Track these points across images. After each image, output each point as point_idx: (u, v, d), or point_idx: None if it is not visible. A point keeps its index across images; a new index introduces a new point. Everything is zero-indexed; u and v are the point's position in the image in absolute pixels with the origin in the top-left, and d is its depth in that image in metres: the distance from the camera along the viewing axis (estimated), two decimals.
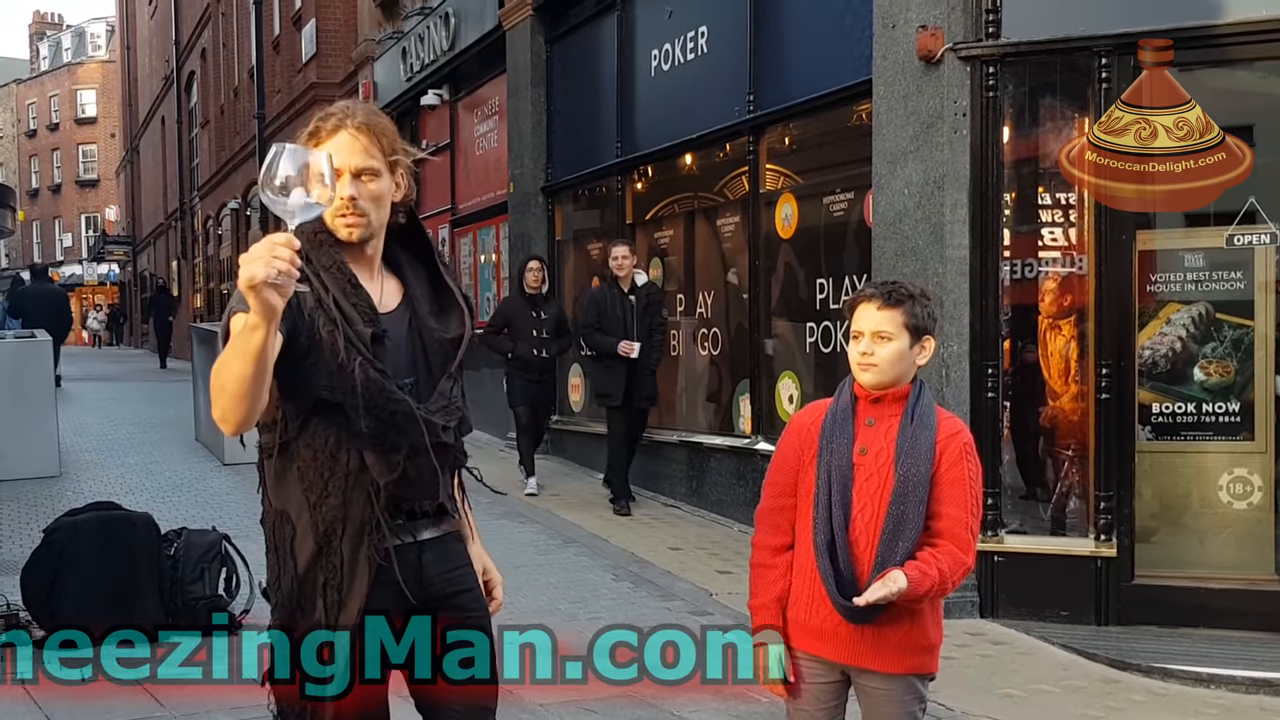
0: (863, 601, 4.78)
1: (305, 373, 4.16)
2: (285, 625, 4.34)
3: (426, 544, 4.43)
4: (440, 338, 4.44)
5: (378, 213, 4.33)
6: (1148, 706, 8.96)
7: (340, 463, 4.22)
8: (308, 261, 4.20)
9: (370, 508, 4.23)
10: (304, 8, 35.06)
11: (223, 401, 3.81)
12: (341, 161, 4.22)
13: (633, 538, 13.85)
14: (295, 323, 4.09)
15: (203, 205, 52.89)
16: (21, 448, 17.75)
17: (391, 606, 4.32)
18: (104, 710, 8.53)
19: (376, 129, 4.34)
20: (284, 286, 3.56)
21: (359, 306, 4.23)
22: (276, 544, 4.38)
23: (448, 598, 4.48)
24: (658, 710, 8.63)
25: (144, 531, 10.42)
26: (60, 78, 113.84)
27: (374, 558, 4.23)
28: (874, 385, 5.01)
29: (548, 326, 16.68)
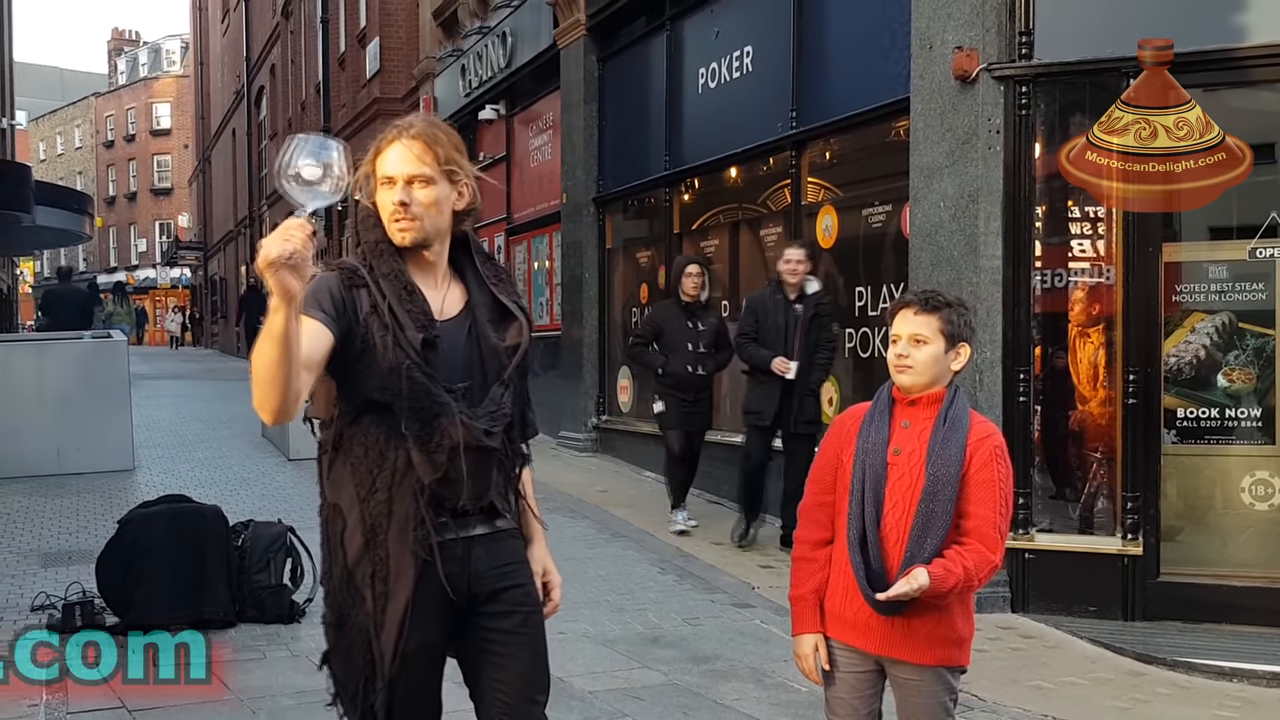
0: (883, 597, 4.83)
1: (359, 374, 4.22)
2: (336, 615, 4.40)
3: (477, 540, 4.44)
4: (496, 345, 4.44)
5: (432, 219, 4.35)
6: (1172, 699, 8.94)
7: (389, 460, 4.26)
8: (369, 268, 4.29)
9: (415, 504, 4.25)
10: (368, 27, 35.20)
11: (258, 388, 3.87)
12: (395, 169, 4.32)
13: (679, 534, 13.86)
14: (350, 326, 4.17)
15: (271, 213, 52.98)
16: (98, 443, 17.92)
17: (442, 600, 4.34)
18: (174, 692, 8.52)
19: (430, 139, 4.35)
20: (300, 268, 3.60)
21: (413, 312, 4.26)
22: (328, 536, 4.43)
23: (497, 593, 4.48)
24: (701, 698, 8.65)
25: (213, 523, 10.47)
26: (137, 91, 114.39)
27: (418, 553, 4.26)
28: (909, 387, 5.04)
29: (706, 339, 13.99)
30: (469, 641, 4.51)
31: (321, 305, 4.11)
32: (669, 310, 14.32)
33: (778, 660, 9.40)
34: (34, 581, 11.43)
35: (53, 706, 8.18)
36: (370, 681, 4.31)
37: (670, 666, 9.33)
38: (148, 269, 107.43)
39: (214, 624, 10.01)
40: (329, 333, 4.08)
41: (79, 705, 8.24)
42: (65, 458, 17.56)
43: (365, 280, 4.25)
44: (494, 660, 4.48)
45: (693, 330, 13.92)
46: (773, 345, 12.83)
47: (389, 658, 4.26)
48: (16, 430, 17.46)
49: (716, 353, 14.09)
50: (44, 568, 12.05)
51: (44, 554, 12.70)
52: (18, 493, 16.18)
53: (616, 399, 19.72)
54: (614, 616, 10.53)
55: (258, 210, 56.42)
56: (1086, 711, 8.56)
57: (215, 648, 9.30)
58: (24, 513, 15.00)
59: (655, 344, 14.17)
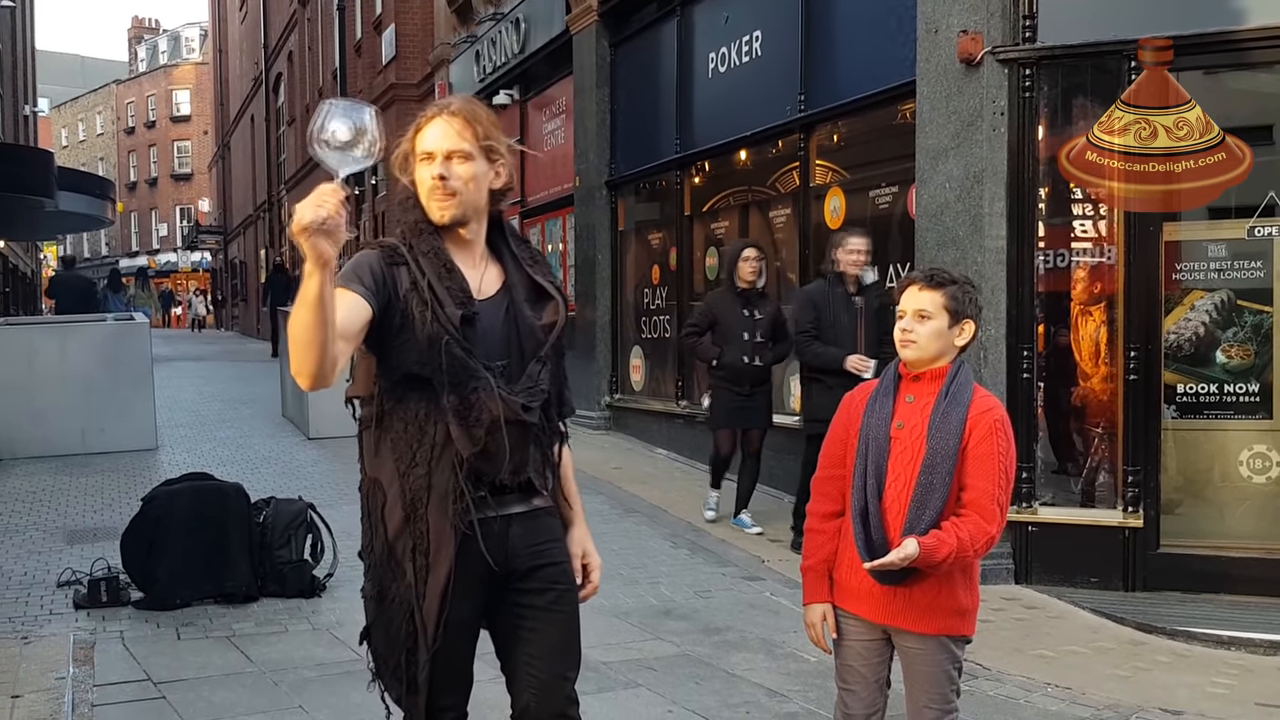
0: (869, 566, 4.90)
1: (398, 349, 4.24)
2: (377, 588, 4.43)
3: (515, 518, 4.46)
4: (533, 324, 4.46)
5: (469, 194, 4.37)
6: (1172, 667, 8.99)
7: (428, 435, 4.28)
8: (409, 247, 4.32)
9: (454, 478, 4.27)
10: (384, 13, 35.20)
11: (295, 352, 3.87)
12: (434, 145, 4.34)
13: (690, 508, 13.92)
14: (390, 301, 4.20)
15: (289, 197, 52.99)
16: (122, 422, 18.08)
17: (479, 574, 4.36)
18: (197, 666, 8.63)
19: (469, 115, 4.38)
20: (331, 232, 3.62)
21: (451, 290, 4.28)
22: (369, 510, 4.45)
23: (533, 570, 4.51)
24: (713, 668, 8.71)
25: (235, 500, 10.52)
26: (157, 79, 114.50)
27: (458, 526, 4.27)
28: (913, 361, 5.10)
29: (763, 328, 12.80)
30: (503, 617, 4.54)
31: (361, 280, 4.15)
32: (724, 298, 13.10)
33: (787, 631, 9.46)
34: (60, 558, 11.52)
35: (80, 678, 8.23)
36: (412, 653, 4.33)
37: (682, 638, 9.40)
38: (169, 253, 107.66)
39: (237, 598, 10.14)
40: (368, 306, 4.11)
41: (105, 677, 8.32)
42: (90, 437, 17.74)
43: (405, 258, 4.28)
44: (526, 636, 4.52)
45: (749, 319, 12.78)
46: (838, 342, 11.65)
47: (432, 629, 4.29)
48: (42, 411, 17.61)
49: (774, 344, 12.93)
50: (70, 545, 12.14)
51: (69, 531, 12.80)
52: (43, 472, 16.30)
53: (629, 378, 19.77)
54: (627, 589, 10.58)
55: (276, 195, 56.44)
56: (1089, 680, 8.58)
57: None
58: (50, 491, 15.08)
59: (710, 334, 13.01)
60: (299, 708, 7.81)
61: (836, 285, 11.79)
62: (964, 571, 5.06)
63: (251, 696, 8.02)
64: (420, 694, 4.36)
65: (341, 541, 11.01)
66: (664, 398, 18.25)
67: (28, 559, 11.66)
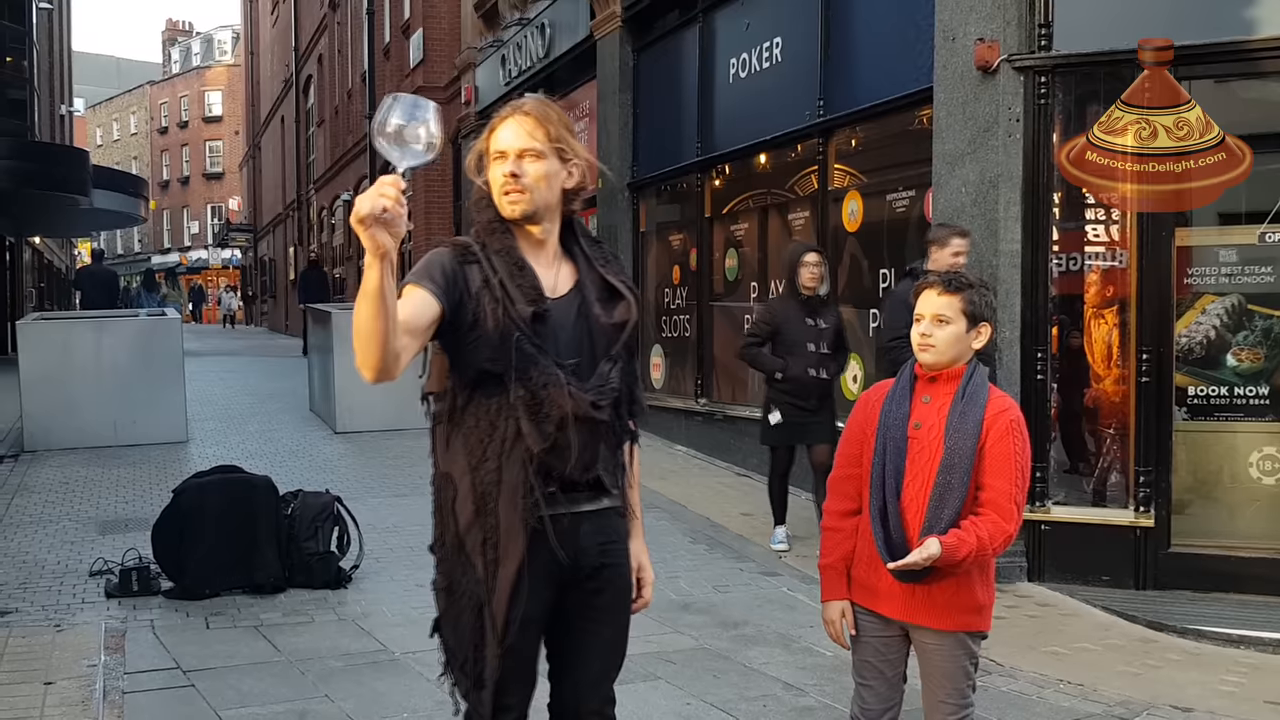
0: (893, 566, 4.89)
1: (470, 346, 4.23)
2: (447, 581, 4.40)
3: (585, 515, 4.44)
4: (605, 323, 4.44)
5: (541, 192, 4.36)
6: (1182, 664, 8.96)
7: (499, 430, 4.26)
8: (482, 246, 4.32)
9: (524, 473, 4.24)
10: (412, 18, 35.19)
11: (358, 344, 3.88)
12: (507, 144, 4.34)
13: (709, 504, 13.94)
14: (461, 299, 4.19)
15: (318, 197, 53.13)
16: (153, 416, 18.14)
17: (548, 570, 4.35)
18: (225, 654, 8.67)
19: (541, 116, 4.40)
20: (391, 224, 3.61)
21: (523, 287, 4.27)
22: (440, 504, 4.43)
23: (597, 569, 4.50)
24: (730, 662, 8.71)
25: (264, 493, 10.59)
26: (190, 80, 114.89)
27: (528, 520, 4.25)
28: (931, 365, 5.08)
29: (828, 339, 11.83)
30: (560, 612, 4.51)
31: (432, 277, 4.14)
32: (786, 306, 12.02)
33: (804, 626, 9.45)
34: (92, 548, 11.58)
35: (111, 666, 8.26)
36: (479, 649, 4.31)
37: (700, 631, 9.40)
38: (200, 250, 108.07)
39: (265, 589, 10.20)
40: (436, 303, 4.10)
41: (135, 665, 8.36)
42: (122, 430, 17.79)
43: (478, 256, 4.28)
44: (578, 632, 4.52)
45: (814, 328, 11.74)
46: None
47: (501, 623, 4.27)
48: (76, 403, 17.70)
49: (838, 353, 12.04)
50: (102, 535, 12.20)
51: (102, 522, 12.85)
52: (76, 463, 16.36)
53: (650, 376, 19.70)
54: None
55: (305, 194, 56.53)
56: (1100, 677, 8.57)
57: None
58: (82, 482, 15.13)
59: (770, 344, 11.96)
60: (324, 696, 7.84)
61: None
62: (980, 569, 5.05)
63: (278, 685, 8.05)
64: (487, 690, 4.33)
65: (367, 534, 11.09)
66: (684, 395, 18.23)
67: (60, 549, 11.70)
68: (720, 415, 16.93)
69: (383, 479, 15.58)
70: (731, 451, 16.39)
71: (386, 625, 9.47)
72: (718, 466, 16.29)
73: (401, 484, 15.06)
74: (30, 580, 10.59)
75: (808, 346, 11.66)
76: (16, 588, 10.34)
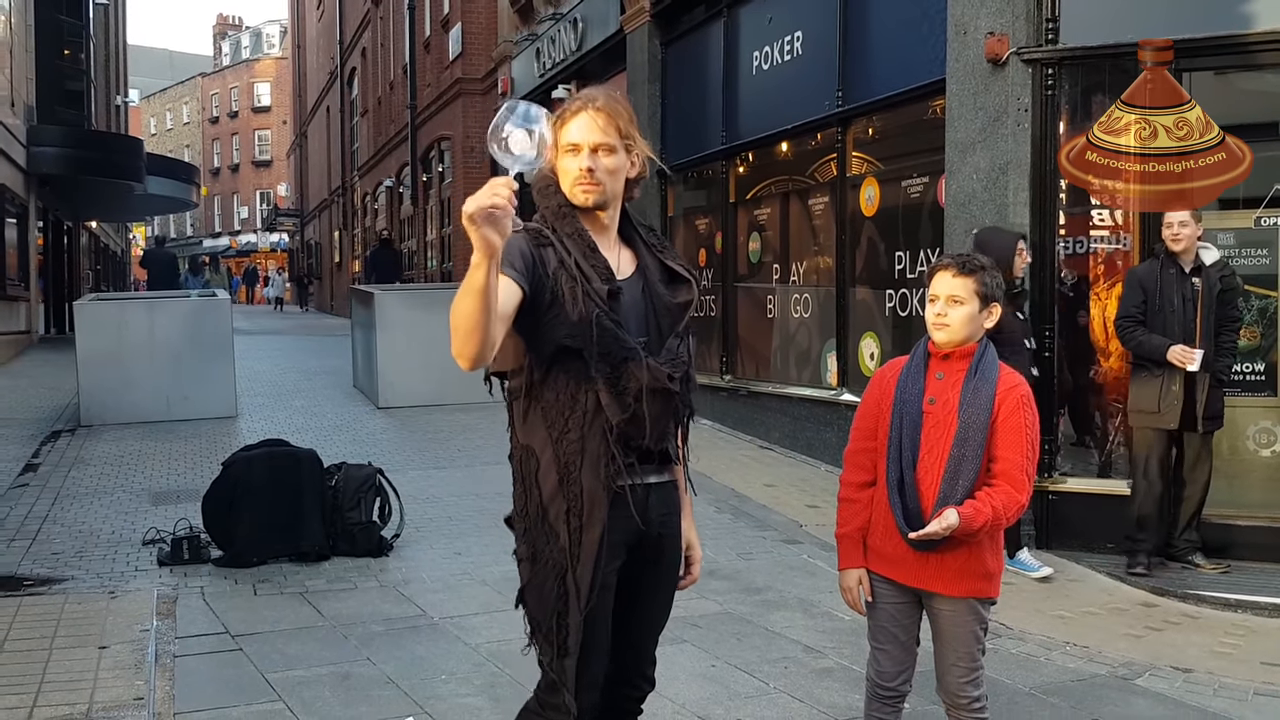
0: (915, 536, 4.90)
1: (549, 324, 4.21)
2: (531, 550, 4.38)
3: (652, 487, 4.46)
4: (669, 302, 4.48)
5: (612, 183, 4.38)
6: (1183, 628, 8.99)
7: (579, 403, 4.26)
8: (553, 229, 4.31)
9: (605, 443, 4.25)
10: (451, 12, 35.18)
11: (457, 338, 3.85)
12: (581, 137, 4.33)
13: (733, 475, 13.89)
14: (540, 280, 4.18)
15: (361, 183, 53.23)
16: (204, 391, 18.22)
17: (624, 538, 4.36)
18: (272, 619, 8.70)
19: (613, 111, 4.40)
20: (500, 223, 3.58)
21: (597, 267, 4.28)
22: (523, 475, 4.40)
23: (659, 538, 4.52)
24: (753, 626, 8.73)
25: (309, 465, 10.63)
26: (239, 72, 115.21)
27: (610, 486, 4.25)
28: (945, 343, 5.09)
29: (1029, 330, 10.56)
30: (622, 579, 4.50)
31: (513, 263, 4.11)
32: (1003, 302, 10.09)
33: (823, 592, 9.45)
34: (145, 518, 11.62)
35: (162, 630, 8.30)
36: (563, 616, 4.29)
37: (725, 597, 9.41)
38: (249, 234, 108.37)
39: (309, 557, 10.23)
40: (520, 288, 4.09)
41: (186, 630, 8.39)
42: (174, 405, 17.87)
43: (551, 239, 4.27)
44: (631, 596, 4.52)
45: (1024, 323, 10.40)
46: (1165, 329, 10.02)
47: (586, 589, 4.26)
48: (132, 380, 17.80)
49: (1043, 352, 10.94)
50: (154, 505, 12.23)
51: (154, 493, 12.89)
52: (130, 437, 16.41)
53: None
54: None
55: (349, 181, 56.63)
56: (1105, 639, 8.60)
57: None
58: (136, 456, 15.19)
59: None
60: (366, 659, 7.85)
61: (1168, 265, 10.08)
62: (991, 537, 5.07)
63: (322, 649, 8.08)
64: (571, 658, 4.31)
65: (407, 504, 11.13)
66: (709, 372, 18.14)
67: (115, 519, 11.74)
68: (744, 391, 16.93)
69: (422, 452, 15.58)
70: (755, 425, 16.41)
71: (426, 591, 9.48)
72: (742, 440, 16.28)
73: (440, 456, 15.09)
74: (86, 549, 10.62)
75: (1024, 343, 10.22)
76: (73, 556, 10.38)
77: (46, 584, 9.51)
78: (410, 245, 41.48)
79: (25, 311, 31.16)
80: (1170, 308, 9.99)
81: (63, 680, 7.26)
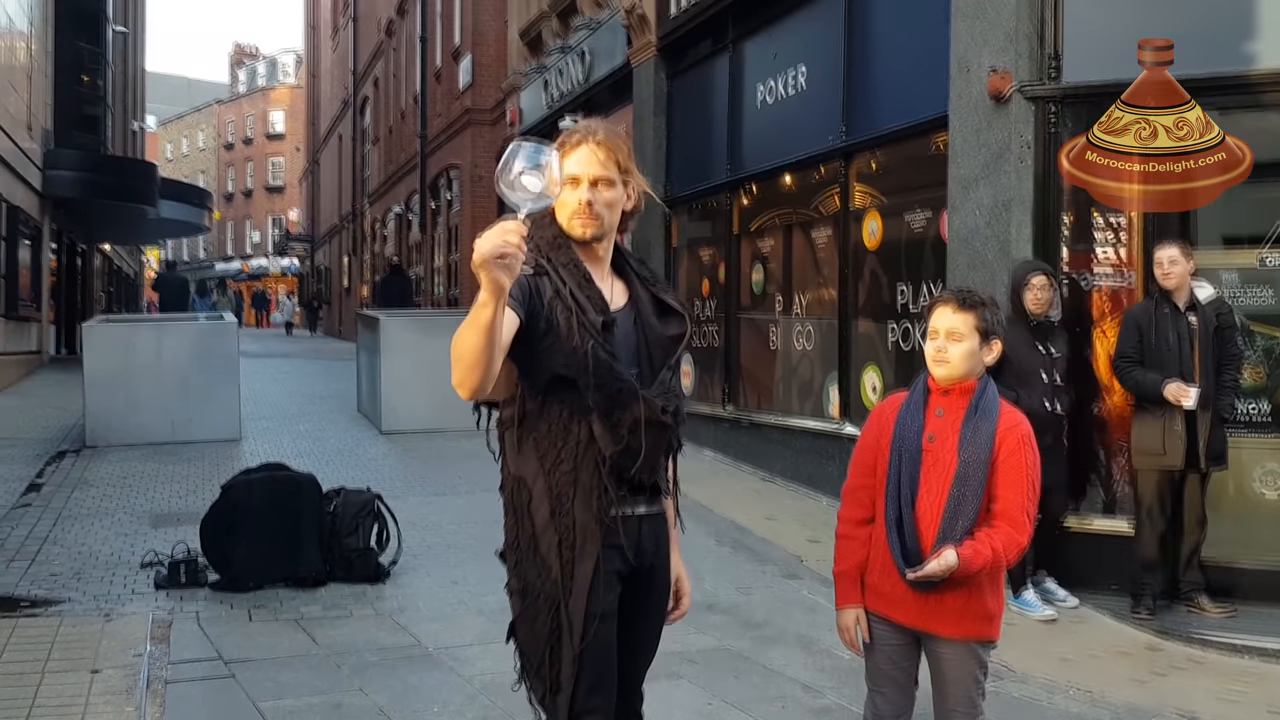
0: (913, 576, 4.81)
1: (543, 353, 4.15)
2: (522, 583, 4.31)
3: (644, 518, 4.40)
4: (661, 335, 4.45)
5: (609, 216, 4.35)
6: (1188, 672, 8.85)
7: (572, 434, 4.21)
8: (548, 260, 4.25)
9: (598, 475, 4.20)
10: (462, 44, 35.31)
11: (459, 369, 3.80)
12: (581, 170, 4.29)
13: (734, 507, 13.75)
14: (535, 309, 4.11)
15: (371, 210, 53.36)
16: (208, 414, 18.18)
17: (618, 569, 4.30)
18: (266, 646, 8.63)
19: (613, 145, 4.35)
20: (510, 266, 3.54)
21: (592, 298, 4.22)
22: (515, 506, 4.33)
23: (650, 570, 4.47)
24: (751, 662, 8.63)
25: (308, 490, 10.58)
26: (255, 100, 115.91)
27: (603, 519, 4.20)
28: (945, 379, 5.02)
29: (1061, 368, 10.33)
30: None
31: (511, 293, 3.99)
32: (1013, 331, 9.66)
33: (823, 628, 9.30)
34: (145, 540, 11.55)
35: (156, 655, 8.21)
36: (555, 651, 4.22)
37: (723, 632, 9.30)
38: (260, 258, 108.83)
39: (306, 583, 10.17)
40: (517, 317, 4.03)
41: (179, 655, 8.32)
42: (179, 428, 17.80)
43: (546, 269, 4.22)
44: (621, 628, 4.40)
45: (1046, 357, 10.19)
46: (1162, 366, 9.88)
47: (579, 623, 4.18)
48: (138, 401, 17.75)
49: (1070, 387, 10.52)
50: (154, 528, 12.16)
51: (155, 515, 12.82)
52: (135, 458, 16.34)
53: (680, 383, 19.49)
54: None
55: (359, 208, 56.80)
56: (1108, 682, 8.45)
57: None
58: (139, 477, 15.12)
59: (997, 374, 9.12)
60: (359, 689, 7.76)
61: (1161, 304, 9.99)
62: (991, 579, 4.97)
63: (315, 677, 7.98)
64: (563, 694, 4.22)
65: (406, 531, 11.07)
66: (711, 402, 18.12)
67: (115, 540, 11.67)
68: (747, 422, 16.82)
69: (423, 478, 15.51)
70: (757, 457, 16.29)
71: (421, 620, 9.38)
72: (743, 471, 16.16)
73: (442, 483, 15.00)
74: (84, 571, 10.54)
75: (1040, 376, 10.09)
76: (71, 577, 10.29)
77: (43, 605, 9.43)
78: (418, 271, 41.53)
79: (36, 332, 31.21)
80: (1166, 346, 9.89)
81: (53, 705, 7.19)
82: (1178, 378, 9.76)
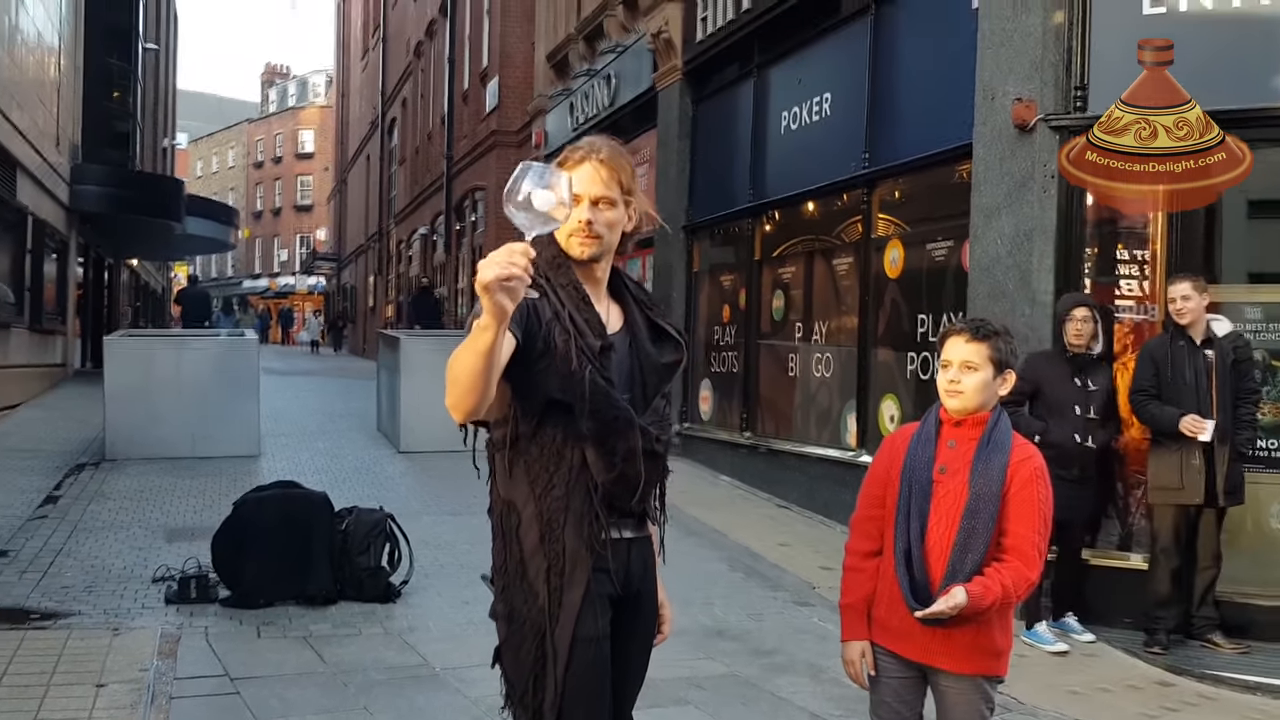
0: (921, 615, 4.70)
1: (538, 376, 4.05)
2: (509, 608, 4.21)
3: (632, 542, 4.32)
4: (656, 361, 4.33)
5: (609, 236, 4.26)
6: (1200, 709, 8.70)
7: (565, 459, 4.11)
8: (547, 280, 4.15)
9: (589, 501, 4.11)
10: (489, 67, 35.40)
11: (455, 391, 3.70)
12: (583, 189, 4.19)
13: (748, 533, 13.68)
14: (533, 331, 4.01)
15: (397, 230, 53.43)
16: (228, 430, 18.19)
17: (608, 595, 4.20)
18: (274, 663, 8.57)
19: (616, 165, 4.28)
20: (514, 290, 3.44)
21: (590, 322, 4.14)
22: (503, 530, 4.24)
23: (638, 595, 4.38)
24: (759, 690, 8.53)
25: (320, 508, 10.55)
26: (285, 119, 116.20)
27: (593, 546, 4.11)
28: (958, 411, 4.91)
29: (1097, 402, 10.20)
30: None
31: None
32: (1050, 362, 10.29)
33: (833, 657, 9.10)
34: (158, 555, 11.50)
35: (162, 670, 8.15)
36: (539, 679, 4.12)
37: (732, 658, 9.21)
38: (288, 276, 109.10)
39: (316, 601, 10.12)
40: (514, 339, 3.93)
41: (185, 671, 8.24)
42: (198, 443, 17.79)
43: (545, 290, 4.12)
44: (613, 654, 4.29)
45: (1081, 390, 10.16)
46: (1179, 401, 9.77)
47: (565, 651, 4.08)
48: (158, 416, 17.75)
49: (1107, 421, 10.37)
50: (168, 542, 12.13)
51: (169, 530, 12.79)
52: (153, 473, 16.32)
53: (699, 408, 19.61)
54: (682, 609, 10.25)
55: (386, 227, 56.91)
56: (1118, 717, 8.35)
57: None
58: (156, 491, 15.10)
59: (1030, 404, 10.24)
60: (363, 708, 7.68)
61: (1177, 338, 9.88)
62: (1000, 614, 4.84)
63: (320, 696, 7.92)
64: None
65: (419, 550, 11.03)
66: (729, 428, 18.09)
67: (128, 554, 11.62)
68: (764, 448, 16.75)
69: (438, 497, 15.44)
70: (774, 484, 16.22)
71: (430, 640, 9.31)
72: (759, 497, 16.08)
73: (456, 503, 14.88)
74: (96, 584, 10.48)
75: (1074, 410, 10.11)
76: (82, 590, 10.24)
77: (52, 618, 9.36)
78: (442, 291, 41.54)
79: (62, 345, 31.23)
80: (1183, 381, 9.79)
81: (56, 718, 7.10)
82: (1194, 412, 9.67)
